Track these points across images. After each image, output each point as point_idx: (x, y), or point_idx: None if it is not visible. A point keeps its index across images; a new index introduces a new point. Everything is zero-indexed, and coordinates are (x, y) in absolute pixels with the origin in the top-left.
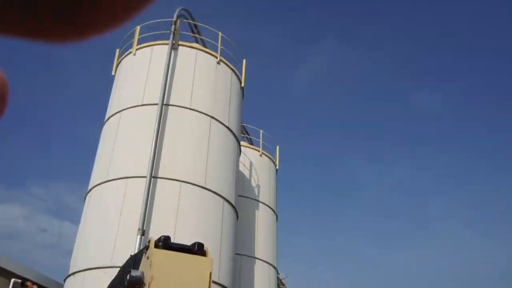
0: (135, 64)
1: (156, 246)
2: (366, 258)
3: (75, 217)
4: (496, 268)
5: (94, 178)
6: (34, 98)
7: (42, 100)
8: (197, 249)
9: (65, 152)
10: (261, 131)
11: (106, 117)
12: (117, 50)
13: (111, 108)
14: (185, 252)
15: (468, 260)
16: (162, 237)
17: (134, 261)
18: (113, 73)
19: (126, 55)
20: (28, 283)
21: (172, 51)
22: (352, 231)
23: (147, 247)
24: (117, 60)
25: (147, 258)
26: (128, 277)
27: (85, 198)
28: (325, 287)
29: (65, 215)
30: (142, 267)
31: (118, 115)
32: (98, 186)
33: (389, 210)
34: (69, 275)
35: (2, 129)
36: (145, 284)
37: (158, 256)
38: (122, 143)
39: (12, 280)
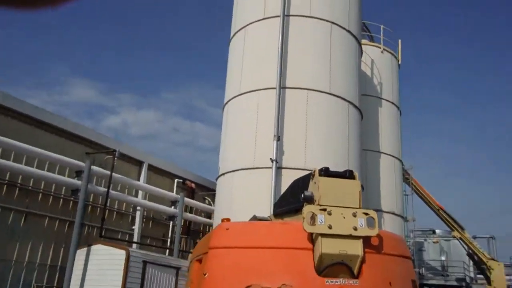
0: None
1: (320, 174)
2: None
3: (204, 118)
4: None
5: (229, 92)
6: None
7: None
8: (349, 175)
9: (188, 58)
10: (382, 26)
11: (232, 32)
12: None
13: (235, 24)
14: (341, 177)
15: None
16: (323, 168)
17: (302, 184)
18: None
19: None
20: (188, 182)
21: None
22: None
23: (313, 175)
24: None
25: (314, 183)
26: (303, 196)
27: (223, 109)
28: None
29: (195, 116)
30: (310, 188)
31: (243, 30)
32: (234, 99)
33: None
34: (220, 175)
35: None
36: (315, 200)
37: (323, 181)
38: (250, 57)
39: (176, 180)
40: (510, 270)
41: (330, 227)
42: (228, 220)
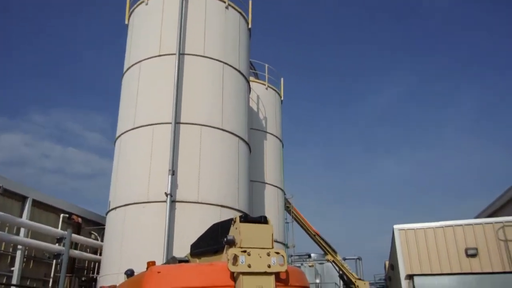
0: (148, 13)
1: (240, 220)
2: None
3: (76, 142)
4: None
5: (123, 125)
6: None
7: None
8: (263, 220)
9: (64, 79)
10: (266, 65)
11: (126, 66)
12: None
13: (130, 58)
14: (258, 223)
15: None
16: (243, 215)
17: (222, 228)
18: (126, 22)
19: (138, 4)
20: (74, 217)
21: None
22: (350, 141)
23: (234, 221)
24: (129, 9)
25: (235, 228)
26: (226, 239)
27: (114, 142)
28: (325, 196)
29: (68, 141)
30: (231, 233)
31: (138, 65)
32: (128, 132)
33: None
34: (111, 210)
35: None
36: (237, 243)
37: (243, 227)
38: (145, 92)
39: (61, 215)
40: (374, 287)
41: (249, 266)
42: (154, 263)
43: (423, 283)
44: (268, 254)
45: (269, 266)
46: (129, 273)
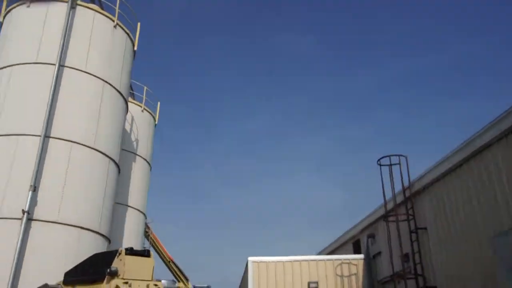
0: (29, 17)
1: (126, 253)
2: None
3: None
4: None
5: None
6: None
7: None
8: (147, 254)
9: None
10: (145, 87)
11: None
12: None
13: (1, 60)
14: (141, 255)
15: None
16: (129, 248)
17: (103, 259)
18: (0, 20)
19: (18, 5)
20: None
21: (71, 10)
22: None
23: (119, 253)
24: (6, 7)
25: (120, 260)
26: (109, 270)
27: None
28: (184, 223)
29: None
30: (115, 264)
31: (9, 68)
32: None
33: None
34: None
35: None
36: (119, 274)
37: (127, 259)
38: (13, 98)
39: None
40: None
41: None
42: None
43: None
44: (148, 286)
45: None
46: None
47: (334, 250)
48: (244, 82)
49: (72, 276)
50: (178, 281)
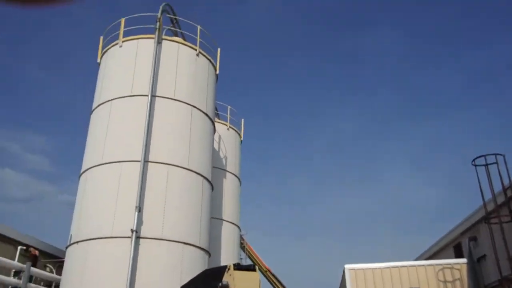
0: (122, 55)
1: (234, 268)
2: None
3: (14, 164)
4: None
5: (90, 160)
6: None
7: None
8: (253, 268)
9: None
10: (229, 107)
11: (95, 104)
12: (101, 38)
13: (101, 96)
14: (247, 270)
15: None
16: (236, 263)
17: (213, 273)
18: (98, 60)
19: (112, 46)
20: (31, 249)
21: (157, 45)
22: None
23: (228, 268)
24: (102, 48)
25: (229, 274)
26: (221, 284)
27: (79, 176)
28: (276, 232)
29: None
30: (225, 278)
31: (109, 103)
32: (95, 168)
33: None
34: (72, 243)
35: None
36: (231, 287)
37: (236, 274)
38: (115, 130)
39: (19, 247)
40: None
41: None
42: None
43: None
44: None
45: None
46: None
47: (433, 254)
48: (330, 82)
49: None
50: None
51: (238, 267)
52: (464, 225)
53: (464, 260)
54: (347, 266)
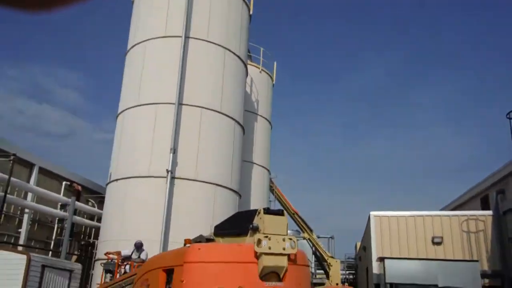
0: None
1: (264, 212)
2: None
3: (52, 99)
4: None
5: (126, 101)
6: None
7: None
8: (281, 213)
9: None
10: (262, 49)
11: (130, 45)
12: None
13: (135, 37)
14: (276, 214)
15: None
16: (266, 208)
17: (245, 216)
18: (132, 1)
19: None
20: (75, 185)
21: None
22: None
23: (259, 212)
24: None
25: (260, 218)
26: (252, 226)
27: (117, 117)
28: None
29: (43, 97)
30: (256, 221)
31: (142, 45)
32: (131, 109)
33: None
34: (112, 181)
35: None
36: (260, 230)
37: (265, 217)
38: (149, 72)
39: (64, 182)
40: (344, 265)
41: (269, 248)
42: (189, 241)
43: (392, 266)
44: (284, 240)
45: (284, 249)
46: (139, 244)
47: (460, 205)
48: (362, 30)
49: (220, 229)
50: (303, 232)
51: (267, 211)
52: (493, 178)
53: (489, 212)
54: (372, 212)
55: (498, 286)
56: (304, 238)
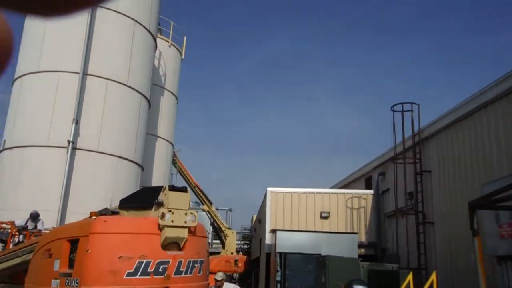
0: None
1: (169, 189)
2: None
3: None
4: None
5: (25, 66)
6: None
7: None
8: (184, 189)
9: None
10: (172, 22)
11: None
12: None
13: None
14: (180, 191)
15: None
16: (171, 185)
17: (152, 191)
18: None
19: None
20: None
21: None
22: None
23: (164, 189)
24: None
25: (165, 194)
26: (157, 201)
27: (13, 83)
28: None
29: None
30: (161, 197)
31: None
32: (31, 75)
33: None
34: (6, 149)
35: None
36: (165, 205)
37: (170, 193)
38: (53, 38)
39: None
40: (240, 236)
41: (172, 221)
42: (95, 213)
43: (282, 237)
44: (186, 214)
45: (185, 222)
46: (35, 215)
47: (347, 184)
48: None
49: (126, 203)
50: (203, 204)
51: (172, 188)
52: (376, 161)
53: (371, 191)
54: (269, 188)
55: (371, 255)
56: (203, 210)
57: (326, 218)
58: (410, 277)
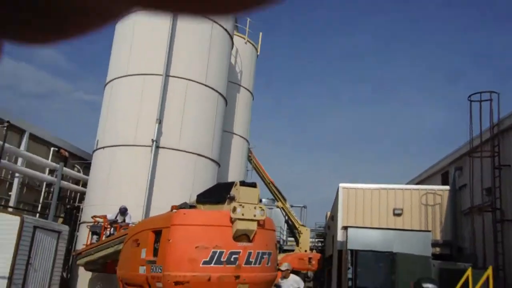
0: None
1: (240, 184)
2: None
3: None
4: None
5: (115, 71)
6: None
7: None
8: (254, 185)
9: None
10: (248, 19)
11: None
12: None
13: None
14: (250, 186)
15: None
16: (241, 181)
17: (224, 187)
18: None
19: None
20: (62, 151)
21: None
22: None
23: (236, 184)
24: None
25: (236, 189)
26: (229, 195)
27: (105, 85)
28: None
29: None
30: (233, 191)
31: (133, 16)
32: (120, 78)
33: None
34: (99, 148)
35: None
36: (236, 199)
37: (241, 188)
38: (139, 43)
39: (52, 148)
40: (314, 234)
41: (243, 215)
42: (176, 207)
43: (354, 234)
44: (255, 208)
45: (254, 215)
46: (123, 209)
47: (423, 180)
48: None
49: (202, 197)
50: (277, 201)
51: (242, 183)
52: (453, 156)
53: (447, 187)
54: (341, 184)
55: (447, 254)
56: (278, 207)
57: (399, 215)
58: (489, 271)
